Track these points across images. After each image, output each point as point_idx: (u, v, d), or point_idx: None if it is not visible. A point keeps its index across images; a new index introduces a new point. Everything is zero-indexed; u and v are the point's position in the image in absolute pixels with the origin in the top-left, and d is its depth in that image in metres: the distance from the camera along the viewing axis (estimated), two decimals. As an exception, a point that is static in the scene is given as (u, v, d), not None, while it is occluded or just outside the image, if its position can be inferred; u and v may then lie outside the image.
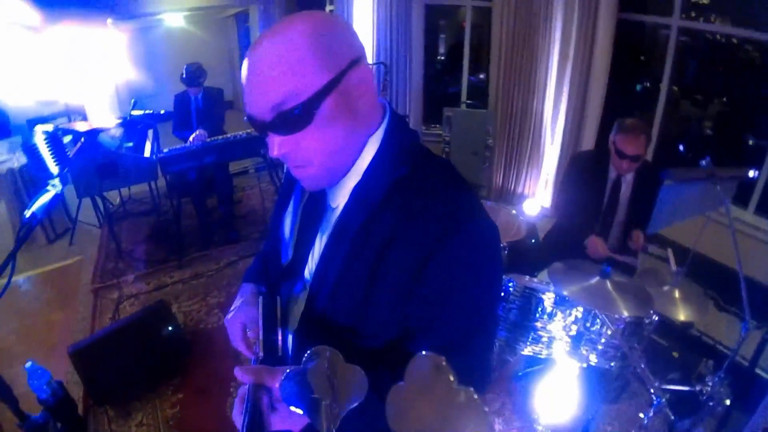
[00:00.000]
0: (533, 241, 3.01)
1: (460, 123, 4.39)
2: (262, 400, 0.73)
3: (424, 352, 0.47)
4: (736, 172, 2.15)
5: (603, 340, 2.19)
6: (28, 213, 1.26)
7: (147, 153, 3.74)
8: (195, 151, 3.49)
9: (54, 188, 1.27)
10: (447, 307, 0.78)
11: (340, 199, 0.86)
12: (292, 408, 0.61)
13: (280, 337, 0.93)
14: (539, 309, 2.22)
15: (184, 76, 3.74)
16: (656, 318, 2.12)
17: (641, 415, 2.05)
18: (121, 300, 3.41)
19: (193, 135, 3.56)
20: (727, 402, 2.02)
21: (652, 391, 1.95)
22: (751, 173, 3.93)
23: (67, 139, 3.67)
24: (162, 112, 3.79)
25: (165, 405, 2.62)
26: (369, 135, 0.83)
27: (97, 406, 2.57)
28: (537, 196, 4.51)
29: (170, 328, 2.80)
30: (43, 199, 1.27)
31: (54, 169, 2.37)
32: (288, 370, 0.62)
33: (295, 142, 0.76)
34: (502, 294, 2.31)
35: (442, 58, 6.29)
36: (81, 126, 3.46)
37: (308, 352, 0.60)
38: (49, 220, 4.12)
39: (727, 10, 3.45)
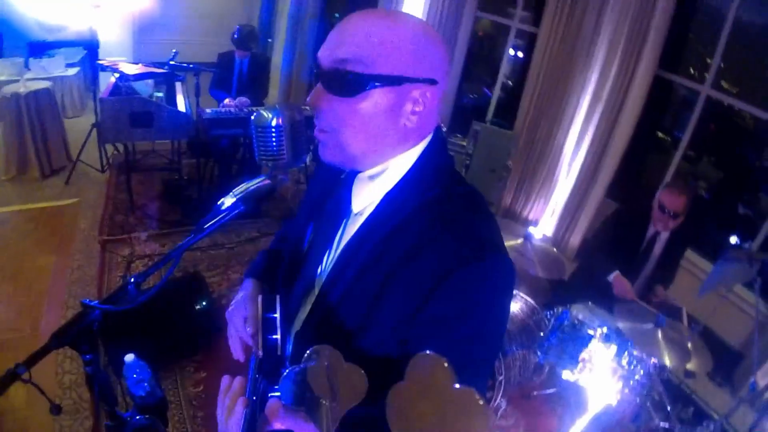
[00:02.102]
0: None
1: (485, 139, 4.46)
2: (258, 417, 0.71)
3: (425, 352, 0.47)
4: (764, 256, 2.49)
5: (636, 377, 2.44)
6: (229, 200, 0.90)
7: (181, 107, 3.50)
8: (245, 119, 3.29)
9: (274, 179, 0.94)
10: (450, 332, 0.77)
11: (364, 205, 0.87)
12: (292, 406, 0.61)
13: (279, 338, 0.90)
14: (587, 340, 2.43)
15: (236, 36, 3.50)
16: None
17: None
18: (133, 258, 3.21)
19: (235, 102, 3.36)
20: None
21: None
22: (733, 239, 4.37)
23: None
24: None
25: (188, 383, 2.52)
26: (407, 147, 0.84)
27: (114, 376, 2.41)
28: (541, 224, 4.72)
29: (204, 303, 2.68)
30: (256, 183, 0.94)
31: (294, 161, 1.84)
32: (288, 370, 0.61)
33: (332, 103, 0.79)
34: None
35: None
36: (128, 68, 3.15)
37: (308, 351, 0.59)
38: (46, 152, 3.75)
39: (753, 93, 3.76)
